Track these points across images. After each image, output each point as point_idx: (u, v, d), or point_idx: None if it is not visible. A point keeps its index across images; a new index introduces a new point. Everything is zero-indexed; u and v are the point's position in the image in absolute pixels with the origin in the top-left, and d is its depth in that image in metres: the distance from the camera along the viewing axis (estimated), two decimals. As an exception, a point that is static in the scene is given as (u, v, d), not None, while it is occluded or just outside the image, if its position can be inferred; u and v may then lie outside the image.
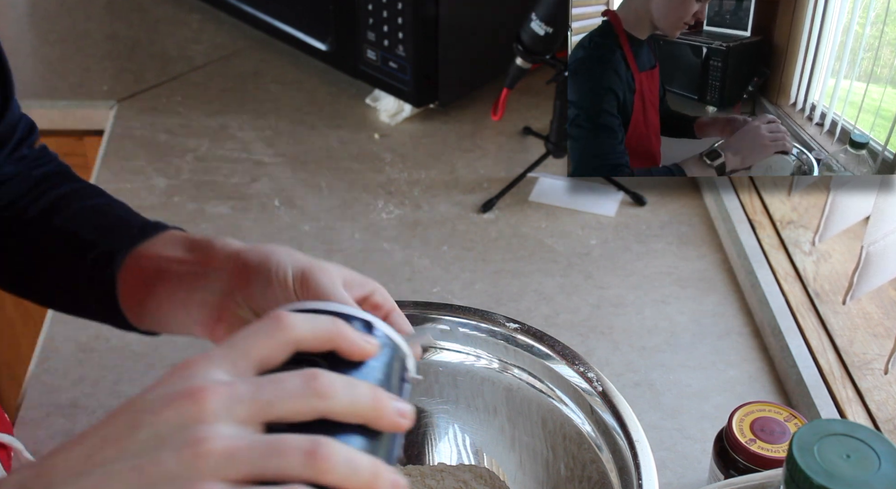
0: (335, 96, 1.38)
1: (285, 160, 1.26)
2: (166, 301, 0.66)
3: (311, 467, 0.40)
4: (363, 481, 0.41)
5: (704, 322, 1.03)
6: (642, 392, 0.95)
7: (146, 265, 0.67)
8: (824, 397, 0.91)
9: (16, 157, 0.77)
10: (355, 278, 0.63)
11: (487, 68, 1.33)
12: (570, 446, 0.75)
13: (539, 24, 1.09)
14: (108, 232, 0.71)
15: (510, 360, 0.77)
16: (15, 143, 0.77)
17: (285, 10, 1.41)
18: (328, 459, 0.41)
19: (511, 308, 1.04)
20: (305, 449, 0.40)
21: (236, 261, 0.63)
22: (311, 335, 0.46)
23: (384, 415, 0.44)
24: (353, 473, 0.41)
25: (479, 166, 1.25)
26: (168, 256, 0.67)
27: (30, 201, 0.75)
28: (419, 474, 0.79)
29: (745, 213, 1.13)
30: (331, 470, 0.41)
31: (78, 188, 0.77)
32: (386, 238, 1.14)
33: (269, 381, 0.42)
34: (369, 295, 0.63)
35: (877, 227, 0.94)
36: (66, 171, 0.79)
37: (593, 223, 1.16)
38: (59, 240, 0.72)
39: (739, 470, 0.77)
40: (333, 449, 0.41)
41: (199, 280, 0.64)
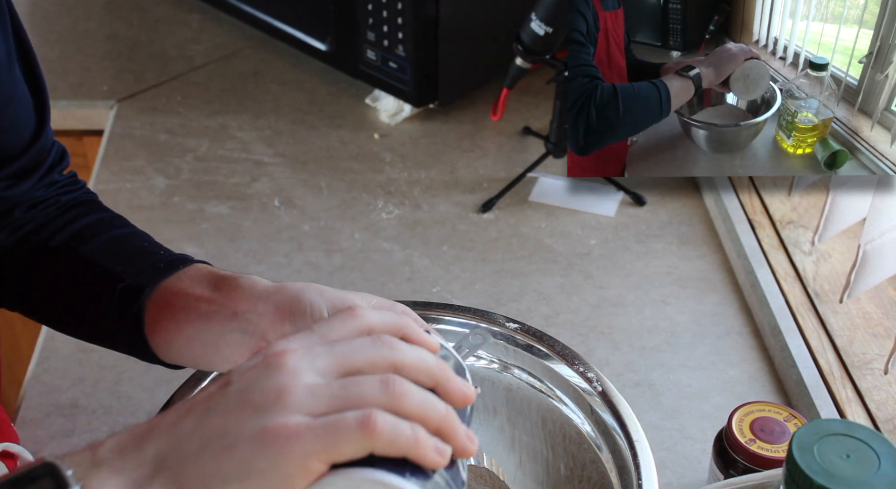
0: (335, 96, 1.38)
1: (285, 160, 1.26)
2: (197, 340, 0.66)
3: (387, 394, 0.46)
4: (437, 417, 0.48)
5: (704, 322, 1.03)
6: (642, 392, 0.95)
7: (173, 302, 0.67)
8: (824, 397, 0.91)
9: (46, 182, 0.78)
10: (383, 305, 0.63)
11: (487, 68, 1.33)
12: (570, 446, 0.75)
13: (539, 24, 1.09)
14: (135, 264, 0.71)
15: (510, 360, 0.77)
16: (46, 168, 0.77)
17: (285, 10, 1.41)
18: (403, 392, 0.47)
19: (511, 308, 1.04)
20: (381, 379, 0.47)
21: (266, 304, 0.63)
22: (381, 323, 0.52)
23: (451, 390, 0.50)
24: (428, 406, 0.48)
25: (479, 166, 1.25)
26: (195, 294, 0.67)
27: (57, 228, 0.75)
28: (419, 474, 0.79)
29: (744, 213, 1.13)
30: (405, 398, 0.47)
31: (105, 218, 0.77)
32: (386, 238, 1.14)
33: (342, 343, 0.49)
34: None
35: (874, 225, 0.94)
36: (94, 199, 0.80)
37: (593, 223, 1.16)
38: (86, 270, 0.72)
39: (739, 470, 0.77)
40: (406, 385, 0.47)
41: (229, 322, 0.64)
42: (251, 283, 0.65)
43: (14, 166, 0.74)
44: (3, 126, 0.73)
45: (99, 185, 1.21)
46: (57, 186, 0.78)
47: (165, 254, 0.72)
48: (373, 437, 0.45)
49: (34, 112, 0.75)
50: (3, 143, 0.73)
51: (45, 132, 0.76)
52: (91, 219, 0.76)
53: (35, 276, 0.75)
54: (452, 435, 0.48)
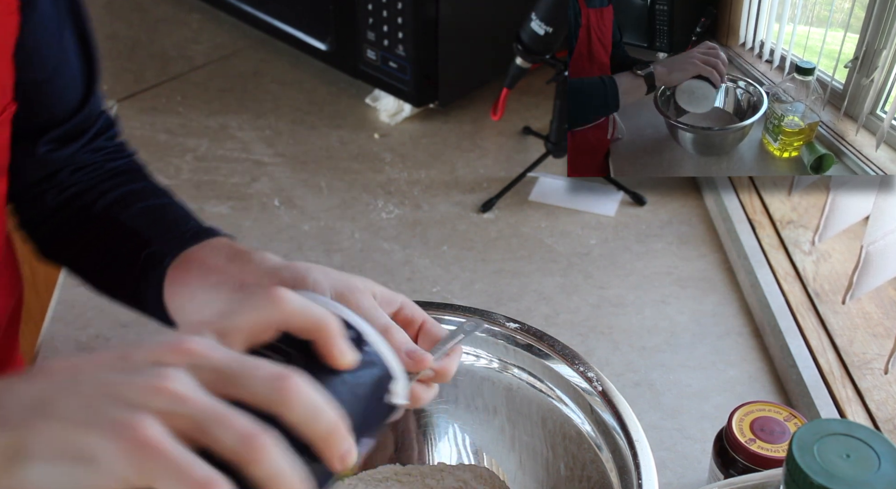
0: (335, 96, 1.38)
1: (285, 160, 1.26)
2: (206, 307, 0.67)
3: (245, 452, 0.40)
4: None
5: (704, 322, 1.03)
6: (642, 392, 0.95)
7: (190, 269, 0.70)
8: (824, 397, 0.91)
9: (92, 147, 0.80)
10: (385, 294, 0.64)
11: (487, 68, 1.33)
12: (570, 446, 0.75)
13: (539, 24, 1.09)
14: (164, 233, 0.74)
15: (510, 360, 0.77)
16: (93, 133, 0.80)
17: (285, 10, 1.41)
18: (267, 451, 0.40)
19: (511, 308, 1.04)
20: (245, 431, 0.40)
21: (272, 279, 0.64)
22: (301, 318, 0.46)
23: (329, 448, 0.44)
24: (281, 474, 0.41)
25: (479, 166, 1.25)
26: (210, 264, 0.69)
27: (100, 193, 0.78)
28: (419, 474, 0.79)
29: (745, 213, 1.13)
30: (262, 460, 0.40)
31: (145, 187, 0.80)
32: (386, 238, 1.14)
33: (244, 362, 0.43)
34: (398, 310, 0.64)
35: (876, 226, 0.94)
36: (139, 168, 0.83)
37: (593, 223, 1.16)
38: (121, 235, 0.75)
39: (739, 470, 0.77)
40: (271, 451, 0.41)
41: (235, 293, 0.66)
42: (262, 258, 0.66)
43: (60, 130, 0.77)
44: (52, 91, 0.76)
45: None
46: (103, 152, 0.81)
47: (193, 225, 0.75)
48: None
49: (83, 78, 0.77)
50: (52, 108, 0.76)
51: (93, 98, 0.79)
52: (133, 187, 0.79)
53: (76, 238, 0.78)
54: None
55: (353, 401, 0.48)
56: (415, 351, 0.60)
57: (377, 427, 0.51)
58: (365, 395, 0.49)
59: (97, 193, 0.79)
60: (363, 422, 0.48)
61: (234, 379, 0.42)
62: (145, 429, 0.39)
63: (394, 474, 0.79)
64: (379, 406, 0.50)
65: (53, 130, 0.77)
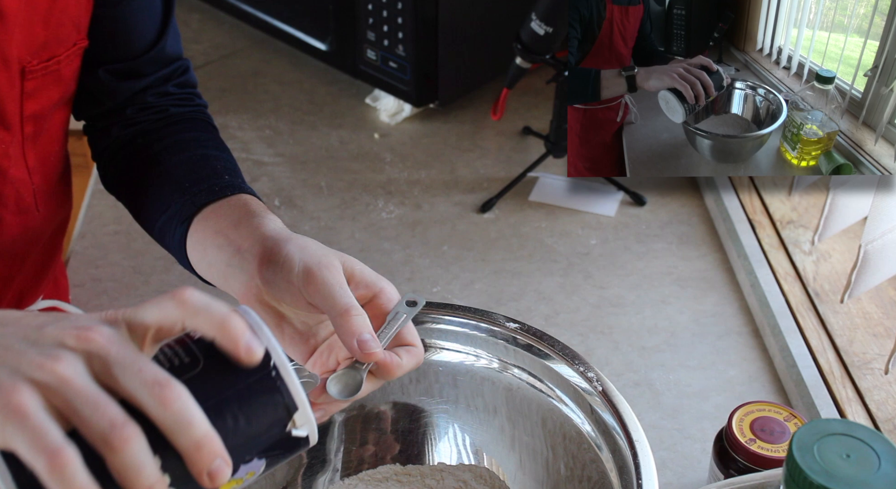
0: (335, 96, 1.38)
1: (285, 160, 1.26)
2: (213, 266, 0.69)
3: (109, 439, 0.42)
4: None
5: (704, 322, 1.03)
6: (642, 392, 0.95)
7: (206, 226, 0.71)
8: (824, 397, 0.91)
9: (161, 90, 0.83)
10: (366, 277, 0.63)
11: (487, 68, 1.33)
12: (570, 446, 0.75)
13: (539, 24, 1.09)
14: (196, 183, 0.75)
15: (510, 360, 0.77)
16: (161, 76, 0.83)
17: (285, 10, 1.41)
18: (128, 443, 0.42)
19: (511, 308, 1.04)
20: (113, 420, 0.42)
21: (260, 247, 0.65)
22: (202, 316, 0.47)
23: (195, 461, 0.44)
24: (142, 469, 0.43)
25: (479, 166, 1.25)
26: (220, 225, 0.70)
27: (158, 137, 0.81)
28: (419, 474, 0.79)
29: (744, 213, 1.13)
30: (123, 450, 0.42)
31: (199, 136, 0.82)
32: (386, 238, 1.14)
33: (135, 361, 0.45)
34: (375, 296, 0.63)
35: (875, 225, 0.94)
36: (202, 119, 0.85)
37: (593, 223, 1.16)
38: (165, 180, 0.77)
39: (739, 470, 0.77)
40: (132, 444, 0.42)
41: (233, 257, 0.67)
42: (260, 223, 0.68)
43: (125, 64, 0.80)
44: (127, 28, 0.79)
45: (99, 185, 1.20)
46: (171, 98, 0.84)
47: (226, 181, 0.76)
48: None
49: (161, 16, 0.81)
50: (124, 44, 0.79)
51: (165, 39, 0.82)
52: (187, 135, 0.81)
53: (132, 176, 0.81)
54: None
55: (242, 419, 0.47)
56: (365, 341, 0.59)
57: (272, 452, 0.49)
58: (256, 416, 0.47)
59: (156, 136, 0.81)
60: (250, 444, 0.47)
61: (120, 374, 0.44)
62: (18, 393, 0.42)
63: (394, 474, 0.79)
64: (274, 431, 0.48)
65: (126, 61, 0.80)
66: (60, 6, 0.72)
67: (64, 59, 0.75)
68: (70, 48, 0.75)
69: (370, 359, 0.59)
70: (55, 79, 0.75)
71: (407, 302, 0.64)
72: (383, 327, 0.62)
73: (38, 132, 0.78)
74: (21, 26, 0.70)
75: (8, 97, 0.73)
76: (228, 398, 0.47)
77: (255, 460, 0.48)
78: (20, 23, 0.69)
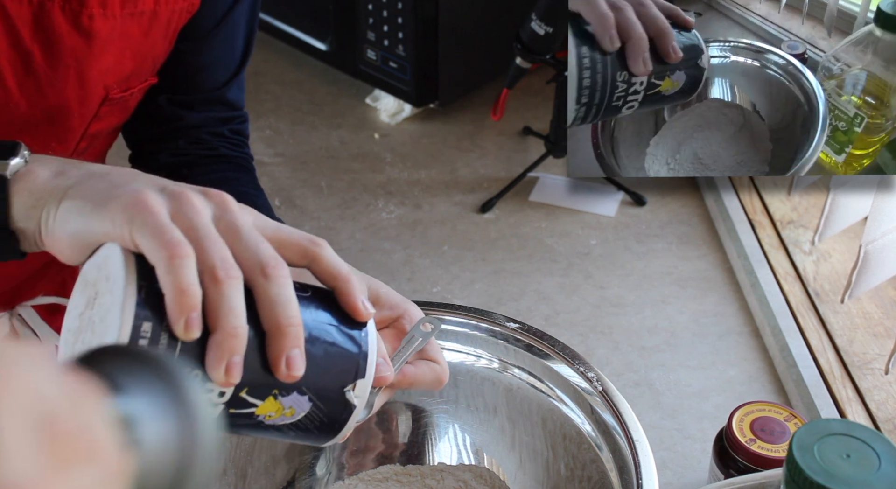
0: (335, 96, 1.38)
1: (285, 160, 1.26)
2: None
3: (265, 274, 0.47)
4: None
5: (704, 322, 1.03)
6: (642, 392, 0.95)
7: None
8: (824, 397, 0.91)
9: (216, 131, 0.85)
10: (391, 299, 0.62)
11: (487, 68, 1.33)
12: (570, 446, 0.75)
13: (539, 24, 1.09)
14: None
15: (510, 360, 0.77)
16: (219, 117, 0.85)
17: (285, 10, 1.41)
18: (284, 278, 0.47)
19: (511, 308, 1.04)
20: (269, 253, 0.48)
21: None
22: (331, 270, 0.51)
23: (282, 342, 0.47)
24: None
25: (479, 166, 1.25)
26: None
27: (202, 171, 0.83)
28: (419, 474, 0.79)
29: (745, 213, 1.13)
30: (280, 286, 0.47)
31: (241, 177, 0.84)
32: (386, 238, 1.14)
33: (260, 238, 0.49)
34: (400, 317, 0.62)
35: (875, 226, 0.94)
36: (246, 164, 0.87)
37: (593, 223, 1.16)
38: None
39: (739, 470, 0.77)
40: (287, 280, 0.47)
41: None
42: None
43: (194, 97, 0.83)
44: (204, 72, 0.81)
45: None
46: (223, 139, 0.86)
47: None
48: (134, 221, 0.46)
49: (235, 68, 0.84)
50: (194, 78, 0.82)
51: (230, 87, 0.84)
52: (230, 174, 0.84)
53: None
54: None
55: (321, 351, 0.49)
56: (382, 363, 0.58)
57: (320, 402, 0.50)
58: (331, 358, 0.49)
59: (201, 170, 0.83)
60: (314, 378, 0.49)
61: (241, 240, 0.48)
62: (148, 196, 0.47)
63: (394, 474, 0.79)
64: (337, 382, 0.50)
65: (181, 95, 0.82)
66: (150, 43, 0.73)
67: (137, 92, 0.77)
68: (142, 83, 0.77)
69: (382, 383, 0.59)
70: (122, 108, 0.78)
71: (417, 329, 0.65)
72: (399, 350, 0.62)
73: (86, 149, 0.80)
74: (114, 55, 0.71)
75: (78, 115, 0.74)
76: (321, 327, 0.49)
77: (306, 400, 0.49)
78: (113, 51, 0.71)
